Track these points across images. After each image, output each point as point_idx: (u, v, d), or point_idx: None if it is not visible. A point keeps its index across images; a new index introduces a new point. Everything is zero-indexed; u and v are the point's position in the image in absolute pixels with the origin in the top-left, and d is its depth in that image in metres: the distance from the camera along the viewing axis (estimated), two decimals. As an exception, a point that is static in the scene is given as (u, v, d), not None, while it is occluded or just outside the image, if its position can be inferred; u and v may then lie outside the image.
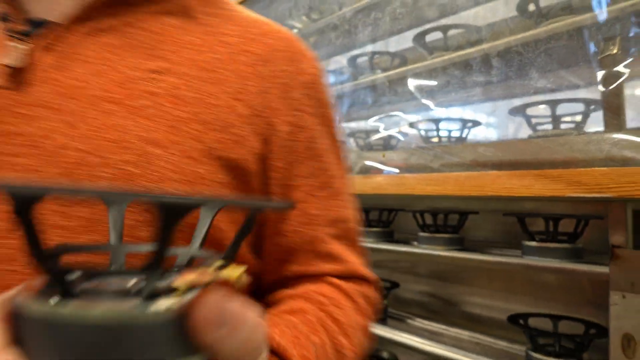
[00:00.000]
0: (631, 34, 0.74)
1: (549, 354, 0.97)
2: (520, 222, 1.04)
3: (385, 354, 1.41)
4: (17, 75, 0.40)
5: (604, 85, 0.75)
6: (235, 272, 0.24)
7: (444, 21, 1.16)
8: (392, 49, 1.44)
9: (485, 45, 1.00)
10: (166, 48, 0.44)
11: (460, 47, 1.09)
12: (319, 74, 0.52)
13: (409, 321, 1.42)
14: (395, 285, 1.44)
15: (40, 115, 0.39)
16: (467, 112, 1.18)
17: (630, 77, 0.72)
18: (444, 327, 1.33)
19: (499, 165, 0.86)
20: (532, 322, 1.05)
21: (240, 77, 0.45)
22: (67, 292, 0.20)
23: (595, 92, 0.78)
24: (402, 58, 1.39)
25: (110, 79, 0.41)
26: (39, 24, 0.42)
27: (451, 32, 1.12)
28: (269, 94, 0.46)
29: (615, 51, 0.73)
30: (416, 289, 1.49)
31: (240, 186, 0.44)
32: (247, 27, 0.49)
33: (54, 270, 0.20)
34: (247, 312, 0.23)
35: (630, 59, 0.71)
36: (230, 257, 0.25)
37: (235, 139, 0.43)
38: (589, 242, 1.00)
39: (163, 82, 0.42)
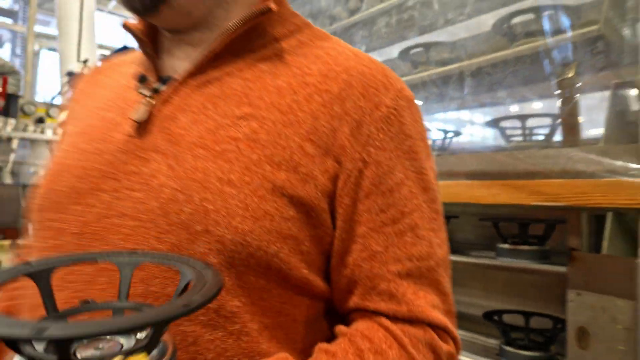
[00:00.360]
0: (585, 59, 0.82)
1: (520, 347, 1.06)
2: (495, 226, 1.12)
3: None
4: (143, 126, 0.49)
5: (561, 105, 0.83)
6: None
7: (426, 37, 1.24)
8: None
9: (463, 63, 1.08)
10: (254, 94, 0.49)
11: (441, 63, 1.17)
12: (400, 106, 0.50)
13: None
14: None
15: (152, 159, 0.47)
16: (447, 124, 1.27)
17: (584, 99, 0.80)
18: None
19: (472, 175, 0.94)
20: (506, 318, 1.13)
21: (313, 118, 0.48)
22: None
23: (555, 111, 0.86)
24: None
25: (204, 127, 0.47)
26: (165, 80, 0.51)
27: (433, 49, 1.21)
28: (339, 132, 0.48)
29: (571, 74, 0.81)
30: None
31: (309, 221, 0.46)
32: (331, 64, 0.51)
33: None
34: None
35: (581, 83, 0.80)
36: (150, 347, 0.27)
37: (304, 178, 0.46)
38: (558, 244, 1.09)
39: (245, 127, 0.47)
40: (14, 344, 0.26)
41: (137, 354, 0.27)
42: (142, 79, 0.52)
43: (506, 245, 1.09)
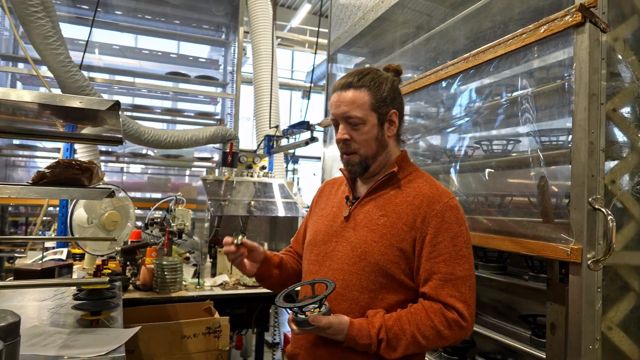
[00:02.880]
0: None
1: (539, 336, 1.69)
2: (525, 260, 1.77)
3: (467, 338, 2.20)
4: (347, 218, 1.36)
5: (538, 195, 1.50)
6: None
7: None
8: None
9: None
10: (387, 205, 1.30)
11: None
12: (443, 210, 1.23)
13: (483, 317, 2.19)
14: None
15: (348, 231, 1.33)
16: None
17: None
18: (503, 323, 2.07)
19: (494, 232, 1.65)
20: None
21: (407, 215, 1.26)
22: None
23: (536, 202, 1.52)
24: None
25: (367, 219, 1.31)
26: (357, 198, 1.38)
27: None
28: (416, 221, 1.24)
29: (542, 182, 1.46)
30: (488, 296, 2.24)
31: (404, 256, 1.24)
32: (418, 191, 1.28)
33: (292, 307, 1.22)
34: (330, 319, 1.18)
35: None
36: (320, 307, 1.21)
37: (402, 239, 1.25)
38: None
39: (382, 220, 1.29)
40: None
41: (314, 308, 1.21)
42: (347, 198, 1.42)
43: (531, 273, 1.74)
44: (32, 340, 1.51)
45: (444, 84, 2.01)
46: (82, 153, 3.79)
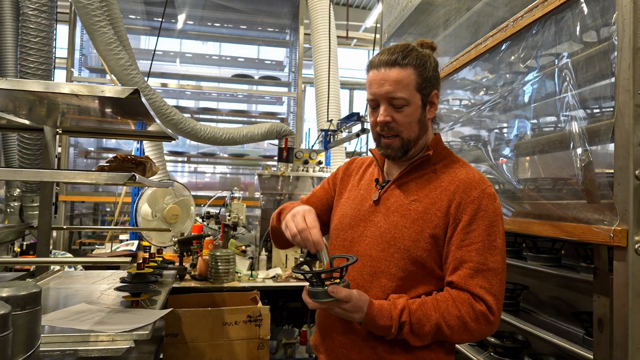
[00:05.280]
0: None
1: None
2: (575, 249, 1.56)
3: (520, 337, 2.00)
4: (376, 202, 1.26)
5: (582, 174, 1.31)
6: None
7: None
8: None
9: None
10: (420, 190, 1.21)
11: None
12: (480, 197, 1.14)
13: (537, 315, 1.98)
14: (525, 287, 2.02)
15: (378, 215, 1.24)
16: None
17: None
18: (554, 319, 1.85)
19: (534, 216, 1.48)
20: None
21: (441, 200, 1.17)
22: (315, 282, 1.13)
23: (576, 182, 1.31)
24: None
25: (398, 204, 1.22)
26: (387, 182, 1.29)
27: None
28: (451, 207, 1.15)
29: (586, 161, 1.27)
30: (543, 292, 2.01)
31: (435, 243, 1.15)
32: (453, 176, 1.19)
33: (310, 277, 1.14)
34: (351, 293, 1.09)
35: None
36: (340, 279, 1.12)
37: (435, 226, 1.15)
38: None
39: (413, 205, 1.19)
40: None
41: (334, 280, 1.12)
42: (377, 181, 1.33)
43: (583, 264, 1.53)
44: (74, 316, 1.63)
45: (482, 62, 1.85)
46: (148, 152, 4.07)
